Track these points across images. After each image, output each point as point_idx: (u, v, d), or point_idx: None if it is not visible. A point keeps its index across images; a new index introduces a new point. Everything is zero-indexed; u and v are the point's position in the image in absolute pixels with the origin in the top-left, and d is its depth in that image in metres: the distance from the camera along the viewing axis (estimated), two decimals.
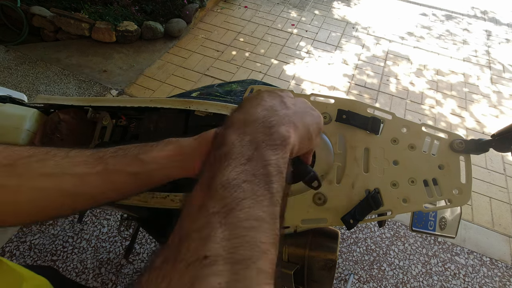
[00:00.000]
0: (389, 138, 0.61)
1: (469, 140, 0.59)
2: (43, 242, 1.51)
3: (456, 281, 1.51)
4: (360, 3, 3.63)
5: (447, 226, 0.78)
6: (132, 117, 0.80)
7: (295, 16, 3.26)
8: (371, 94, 2.50)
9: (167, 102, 0.74)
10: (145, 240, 1.54)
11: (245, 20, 3.12)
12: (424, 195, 0.56)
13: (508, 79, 2.81)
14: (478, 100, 2.56)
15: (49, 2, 2.69)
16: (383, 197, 0.57)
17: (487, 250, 1.64)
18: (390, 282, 1.49)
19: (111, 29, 2.54)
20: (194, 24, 2.98)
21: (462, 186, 0.57)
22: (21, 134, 0.74)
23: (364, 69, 2.72)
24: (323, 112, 0.64)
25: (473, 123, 2.36)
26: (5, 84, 2.19)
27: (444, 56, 2.97)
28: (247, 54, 2.74)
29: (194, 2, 2.94)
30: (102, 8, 2.68)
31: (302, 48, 2.86)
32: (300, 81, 2.54)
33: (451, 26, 3.42)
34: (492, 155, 2.10)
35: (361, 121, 0.61)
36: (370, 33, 3.15)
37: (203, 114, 0.72)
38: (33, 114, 0.78)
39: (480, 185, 1.94)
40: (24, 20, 2.56)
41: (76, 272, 1.43)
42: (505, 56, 3.07)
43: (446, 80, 2.72)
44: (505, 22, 3.62)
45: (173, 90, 2.36)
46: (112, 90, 2.30)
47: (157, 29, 2.68)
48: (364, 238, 1.62)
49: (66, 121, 0.76)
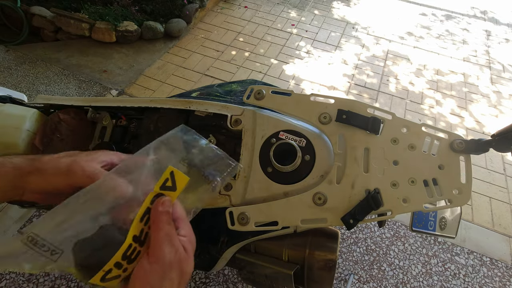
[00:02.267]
0: (389, 138, 0.61)
1: (469, 140, 0.59)
2: None
3: (456, 281, 1.51)
4: (360, 3, 3.63)
5: (447, 226, 0.78)
6: (132, 117, 0.80)
7: (295, 16, 3.26)
8: (371, 94, 2.50)
9: (167, 102, 0.74)
10: None
11: (245, 20, 3.12)
12: (424, 195, 0.56)
13: (507, 79, 2.81)
14: (478, 100, 2.56)
15: (49, 2, 2.69)
16: (383, 197, 0.57)
17: (487, 250, 1.64)
18: (390, 282, 1.49)
19: (111, 29, 2.54)
20: (194, 24, 2.98)
21: (462, 186, 0.57)
22: (21, 134, 0.74)
23: (364, 69, 2.72)
24: (323, 112, 0.64)
25: (472, 123, 2.36)
26: (5, 84, 2.19)
27: (444, 56, 2.97)
28: (247, 54, 2.74)
29: (194, 2, 2.94)
30: (102, 8, 2.68)
31: (302, 48, 2.86)
32: (300, 81, 2.54)
33: (451, 26, 3.43)
34: (492, 155, 2.10)
35: (361, 121, 0.61)
36: (370, 33, 3.15)
37: (203, 114, 0.72)
38: (33, 114, 0.78)
39: (480, 185, 1.95)
40: (24, 20, 2.56)
41: None
42: (504, 56, 3.07)
43: (446, 80, 2.72)
44: (505, 22, 3.63)
45: (173, 90, 2.36)
46: (112, 90, 2.30)
47: (157, 29, 2.68)
48: (364, 238, 1.62)
49: (66, 121, 0.76)
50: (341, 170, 0.60)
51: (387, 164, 0.59)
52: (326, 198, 0.57)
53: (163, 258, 0.33)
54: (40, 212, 1.60)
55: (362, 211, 0.56)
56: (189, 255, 0.36)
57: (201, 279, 1.43)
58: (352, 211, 0.56)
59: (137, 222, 0.34)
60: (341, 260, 1.53)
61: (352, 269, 1.51)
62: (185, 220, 0.38)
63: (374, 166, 0.59)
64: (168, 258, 0.33)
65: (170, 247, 0.34)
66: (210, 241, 0.80)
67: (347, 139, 0.62)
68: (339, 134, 0.62)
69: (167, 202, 0.36)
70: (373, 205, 0.56)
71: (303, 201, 0.57)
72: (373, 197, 0.56)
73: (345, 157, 0.60)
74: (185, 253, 0.35)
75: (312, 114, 0.64)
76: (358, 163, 0.60)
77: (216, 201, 0.60)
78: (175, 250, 0.34)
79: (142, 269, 0.33)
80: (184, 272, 0.34)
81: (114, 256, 0.32)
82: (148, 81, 2.42)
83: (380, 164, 0.59)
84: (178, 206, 0.38)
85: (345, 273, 1.50)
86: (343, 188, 0.58)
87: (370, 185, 0.58)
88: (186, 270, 0.35)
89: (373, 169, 0.59)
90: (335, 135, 0.62)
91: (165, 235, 0.34)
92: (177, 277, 0.34)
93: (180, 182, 0.37)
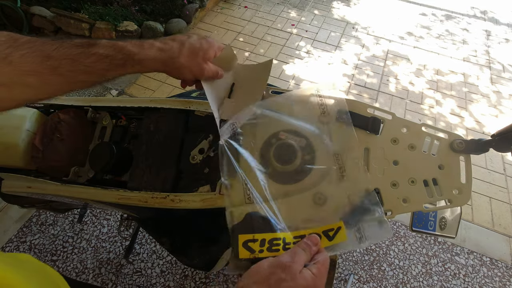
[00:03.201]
0: (389, 138, 0.61)
1: (469, 140, 0.59)
2: (43, 242, 1.50)
3: (456, 281, 1.51)
4: (360, 3, 3.63)
5: (447, 226, 0.78)
6: (132, 117, 0.80)
7: (295, 16, 3.26)
8: (371, 94, 2.50)
9: (167, 102, 0.74)
10: (145, 240, 1.54)
11: (245, 20, 3.12)
12: (424, 195, 0.56)
13: (507, 79, 2.81)
14: (478, 100, 2.56)
15: (49, 2, 2.69)
16: (383, 197, 0.57)
17: (487, 250, 1.64)
18: (390, 282, 1.49)
19: (111, 29, 2.54)
20: (194, 24, 2.98)
21: (462, 186, 0.57)
22: (21, 134, 0.74)
23: (364, 69, 2.72)
24: (323, 112, 0.64)
25: (472, 123, 2.36)
26: None
27: (444, 56, 2.97)
28: (247, 54, 2.74)
29: (194, 2, 2.94)
30: (102, 8, 2.68)
31: (302, 48, 2.86)
32: (300, 80, 2.54)
33: (451, 26, 3.43)
34: (492, 155, 2.10)
35: (361, 121, 0.61)
36: (370, 33, 3.15)
37: (203, 114, 0.72)
38: (33, 114, 0.78)
39: (480, 185, 1.95)
40: (24, 20, 2.56)
41: (76, 272, 1.43)
42: (504, 56, 3.07)
43: (446, 80, 2.72)
44: (505, 22, 3.62)
45: (173, 90, 2.36)
46: (112, 90, 2.30)
47: (157, 29, 2.68)
48: None
49: (66, 121, 0.76)
50: (341, 170, 0.60)
51: (387, 164, 0.59)
52: (326, 198, 0.57)
53: (280, 257, 0.41)
54: (40, 212, 1.60)
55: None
56: (300, 281, 0.39)
57: (201, 279, 1.43)
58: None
59: (291, 235, 0.45)
60: (341, 260, 1.53)
61: (352, 269, 1.51)
62: (322, 262, 0.43)
63: (374, 166, 0.59)
64: (283, 260, 0.40)
65: (289, 256, 0.41)
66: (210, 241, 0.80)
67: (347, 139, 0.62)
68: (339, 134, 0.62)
69: (314, 239, 0.45)
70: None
71: (303, 201, 0.57)
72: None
73: (345, 157, 0.60)
74: (299, 274, 0.40)
75: (312, 114, 0.64)
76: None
77: (216, 201, 0.60)
78: (292, 260, 0.40)
79: (262, 261, 0.41)
80: (284, 281, 0.38)
81: (265, 234, 0.43)
82: (148, 81, 2.42)
83: (380, 164, 0.59)
84: (324, 253, 0.45)
85: (345, 273, 1.50)
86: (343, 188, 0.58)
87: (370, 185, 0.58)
88: (288, 285, 0.38)
89: (373, 169, 0.59)
90: (335, 135, 0.62)
91: (293, 250, 0.42)
92: (278, 279, 0.38)
93: (338, 237, 0.45)
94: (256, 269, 0.40)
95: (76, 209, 1.56)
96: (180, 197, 0.62)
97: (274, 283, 0.38)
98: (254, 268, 0.40)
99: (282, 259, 0.40)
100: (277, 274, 0.38)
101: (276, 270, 0.39)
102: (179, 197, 0.62)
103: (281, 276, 0.38)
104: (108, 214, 1.63)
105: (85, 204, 1.17)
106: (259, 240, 0.42)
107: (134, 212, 0.75)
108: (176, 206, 0.62)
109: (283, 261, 0.40)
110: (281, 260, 0.40)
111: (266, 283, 0.38)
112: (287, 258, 0.40)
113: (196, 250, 0.80)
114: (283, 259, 0.40)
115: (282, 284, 0.38)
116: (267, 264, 0.40)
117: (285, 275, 0.38)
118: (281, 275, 0.38)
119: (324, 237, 0.45)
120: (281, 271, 0.39)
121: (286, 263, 0.40)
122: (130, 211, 0.76)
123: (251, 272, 0.40)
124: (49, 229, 1.55)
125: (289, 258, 0.40)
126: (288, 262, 0.40)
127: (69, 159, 0.75)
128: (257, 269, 0.40)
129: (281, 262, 0.40)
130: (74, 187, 0.69)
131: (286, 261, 0.40)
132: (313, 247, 0.44)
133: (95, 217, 1.61)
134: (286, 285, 0.38)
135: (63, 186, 0.69)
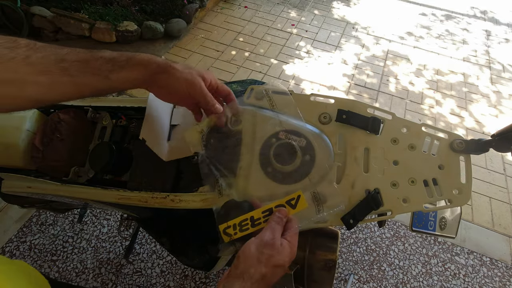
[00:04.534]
0: (389, 138, 0.61)
1: (469, 140, 0.59)
2: (43, 242, 1.51)
3: (456, 281, 1.51)
4: (360, 3, 3.63)
5: (447, 226, 0.78)
6: (132, 117, 0.80)
7: (295, 16, 3.26)
8: (371, 94, 2.50)
9: None
10: (145, 240, 1.54)
11: (245, 20, 3.12)
12: (424, 195, 0.56)
13: (507, 79, 2.81)
14: (478, 100, 2.56)
15: (49, 2, 2.69)
16: (383, 197, 0.57)
17: (487, 250, 1.64)
18: (390, 282, 1.49)
19: (111, 29, 2.54)
20: (194, 24, 2.98)
21: (462, 186, 0.57)
22: (21, 134, 0.74)
23: (364, 69, 2.72)
24: (323, 112, 0.64)
25: (472, 123, 2.36)
26: None
27: (444, 56, 2.97)
28: (247, 54, 2.74)
29: (194, 2, 2.94)
30: (102, 8, 2.68)
31: (302, 48, 2.86)
32: (300, 81, 2.54)
33: (451, 26, 3.43)
34: (492, 155, 2.10)
35: (361, 121, 0.61)
36: (370, 33, 3.15)
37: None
38: (33, 114, 0.78)
39: (480, 185, 1.95)
40: (24, 20, 2.56)
41: (76, 272, 1.43)
42: (504, 56, 3.07)
43: (446, 80, 2.72)
44: (505, 22, 3.63)
45: None
46: None
47: (157, 29, 2.68)
48: (364, 238, 1.63)
49: (66, 121, 0.76)
50: (341, 170, 0.60)
51: (387, 164, 0.59)
52: (326, 198, 0.57)
53: (262, 237, 0.46)
54: (40, 212, 1.60)
55: (362, 211, 0.56)
56: (283, 252, 0.46)
57: (201, 279, 1.43)
58: (352, 211, 0.56)
59: (260, 211, 0.51)
60: (341, 260, 1.53)
61: (352, 269, 1.51)
62: (293, 230, 0.50)
63: (374, 166, 0.59)
64: (266, 239, 0.46)
65: (270, 233, 0.47)
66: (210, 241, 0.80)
67: (347, 139, 0.62)
68: (339, 134, 0.62)
69: (283, 212, 0.51)
70: (373, 205, 0.56)
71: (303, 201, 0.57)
72: (373, 197, 0.56)
73: (345, 157, 0.60)
74: (280, 246, 0.46)
75: (312, 114, 0.64)
76: (358, 163, 0.60)
77: (216, 201, 0.60)
78: (273, 237, 0.46)
79: (249, 242, 0.47)
80: (273, 257, 0.45)
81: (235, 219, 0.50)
82: None
83: (380, 164, 0.59)
84: (293, 220, 0.52)
85: (345, 273, 1.50)
86: (343, 188, 0.58)
87: (370, 185, 0.58)
88: (276, 259, 0.45)
89: (373, 169, 0.59)
90: (335, 135, 0.62)
91: (271, 227, 0.48)
92: (268, 256, 0.44)
93: (300, 205, 0.52)
94: (246, 255, 0.45)
95: (76, 209, 1.56)
96: (180, 197, 0.62)
97: (265, 260, 0.44)
98: (244, 253, 0.45)
99: (265, 238, 0.46)
100: (265, 253, 0.45)
101: (263, 249, 0.45)
102: (179, 197, 0.62)
103: (268, 253, 0.45)
104: (108, 214, 1.63)
105: (85, 204, 1.17)
106: (231, 226, 0.50)
107: (134, 212, 0.75)
108: (176, 206, 0.62)
109: (266, 239, 0.46)
110: (264, 239, 0.46)
111: (260, 264, 0.44)
112: (269, 236, 0.47)
113: (196, 250, 0.80)
114: (265, 238, 0.46)
115: (271, 259, 0.44)
116: (254, 247, 0.45)
117: (271, 251, 0.45)
118: (268, 252, 0.45)
119: (288, 206, 0.52)
120: (267, 249, 0.45)
121: (269, 241, 0.46)
122: (130, 211, 0.76)
123: (243, 258, 0.45)
124: (49, 229, 1.55)
125: (271, 235, 0.47)
126: (270, 240, 0.46)
127: (69, 159, 0.75)
128: (247, 254, 0.45)
129: (265, 241, 0.46)
130: (74, 187, 0.69)
131: (269, 239, 0.46)
132: (283, 218, 0.50)
133: (95, 217, 1.61)
134: (275, 259, 0.44)
135: (63, 186, 0.69)
